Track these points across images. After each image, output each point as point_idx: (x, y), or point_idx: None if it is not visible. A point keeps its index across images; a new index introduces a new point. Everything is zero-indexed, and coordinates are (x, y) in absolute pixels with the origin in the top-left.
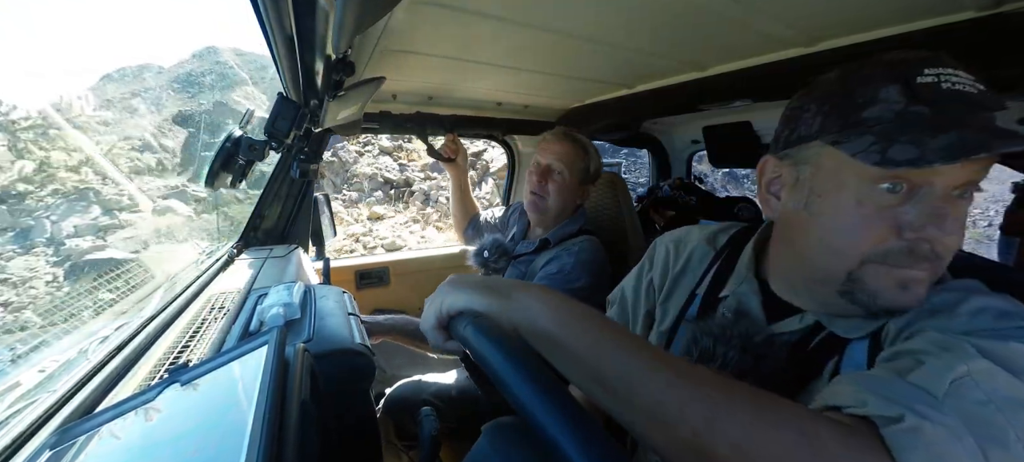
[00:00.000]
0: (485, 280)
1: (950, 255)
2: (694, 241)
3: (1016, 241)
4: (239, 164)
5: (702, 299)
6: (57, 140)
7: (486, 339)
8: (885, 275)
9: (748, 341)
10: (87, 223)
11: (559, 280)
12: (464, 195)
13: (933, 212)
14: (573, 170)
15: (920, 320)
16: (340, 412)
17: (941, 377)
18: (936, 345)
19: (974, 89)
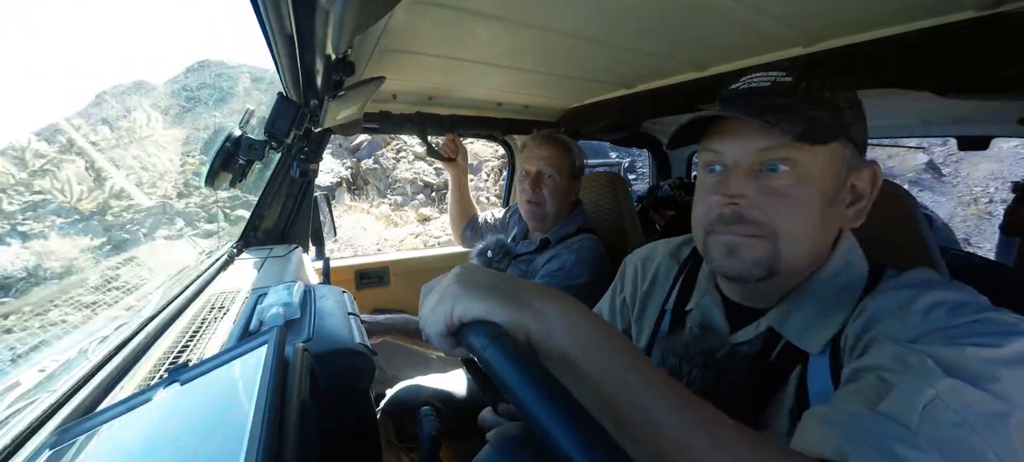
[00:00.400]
0: (499, 280)
1: (772, 226)
2: (659, 257)
3: (1016, 241)
4: (239, 164)
5: (672, 314)
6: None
7: (507, 360)
8: (716, 243)
9: (710, 357)
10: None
11: (559, 277)
12: (463, 196)
13: (723, 182)
14: (562, 171)
15: (874, 326)
16: (340, 412)
17: (912, 405)
18: (898, 361)
19: (768, 83)
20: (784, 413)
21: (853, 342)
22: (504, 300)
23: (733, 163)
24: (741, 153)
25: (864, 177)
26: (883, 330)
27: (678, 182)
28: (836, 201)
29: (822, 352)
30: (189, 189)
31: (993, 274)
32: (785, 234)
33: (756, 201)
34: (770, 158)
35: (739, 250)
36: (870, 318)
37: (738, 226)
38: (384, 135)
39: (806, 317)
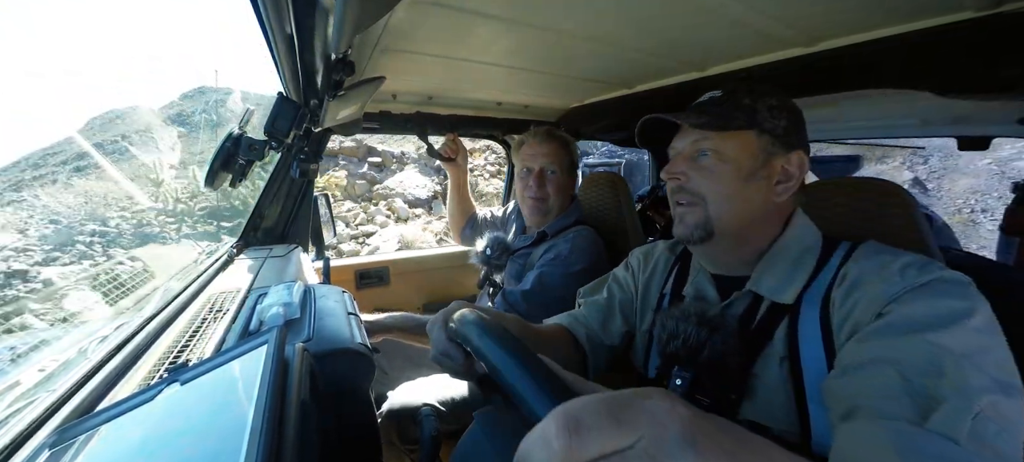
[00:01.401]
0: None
1: (702, 193)
2: (658, 252)
3: (1016, 241)
4: (239, 164)
5: (669, 296)
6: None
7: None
8: (674, 213)
9: (703, 316)
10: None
11: (557, 265)
12: (463, 195)
13: (672, 164)
14: (562, 166)
15: (859, 287)
16: (340, 412)
17: (961, 422)
18: (924, 361)
19: (706, 99)
20: (774, 363)
21: (841, 301)
22: None
23: (676, 153)
24: (680, 145)
25: (792, 161)
26: (869, 289)
27: None
28: (757, 177)
29: (808, 305)
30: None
31: (993, 274)
32: (711, 199)
33: (690, 177)
34: (698, 147)
35: (685, 218)
36: (854, 280)
37: (681, 194)
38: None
39: (776, 276)
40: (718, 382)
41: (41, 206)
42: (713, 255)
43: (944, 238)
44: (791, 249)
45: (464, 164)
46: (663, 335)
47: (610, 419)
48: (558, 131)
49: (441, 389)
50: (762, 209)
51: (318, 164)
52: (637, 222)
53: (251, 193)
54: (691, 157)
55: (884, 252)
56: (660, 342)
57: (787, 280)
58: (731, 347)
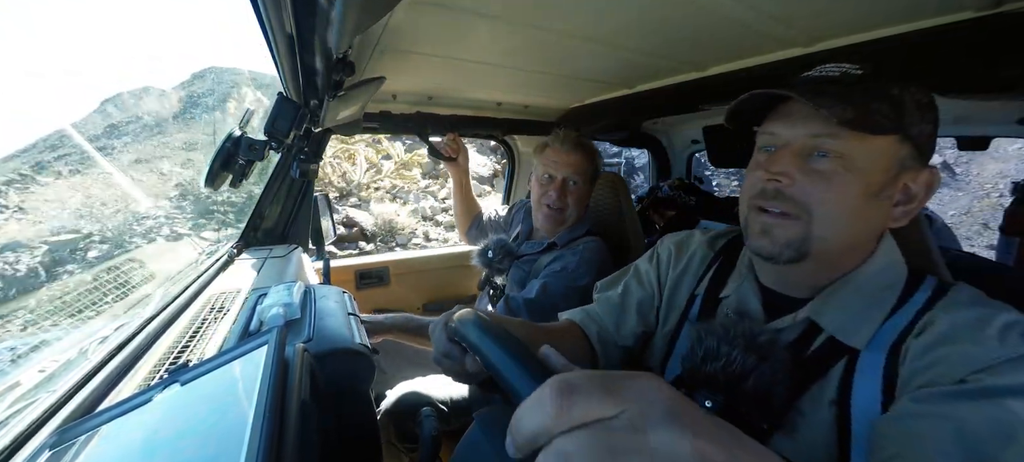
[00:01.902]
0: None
1: (809, 205)
2: (695, 244)
3: (1016, 241)
4: (239, 164)
5: (702, 300)
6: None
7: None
8: (754, 220)
9: (752, 341)
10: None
11: (562, 277)
12: (466, 195)
13: (771, 159)
14: (586, 177)
15: (946, 344)
16: (340, 412)
17: None
18: (991, 424)
19: (838, 73)
20: (824, 403)
21: (918, 354)
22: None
23: (783, 143)
24: (791, 135)
25: (920, 180)
26: (956, 351)
27: (677, 183)
28: (881, 196)
29: (872, 350)
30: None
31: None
32: (819, 216)
33: (798, 181)
34: (818, 144)
35: (773, 230)
36: (941, 336)
37: (776, 202)
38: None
39: (847, 311)
40: (756, 414)
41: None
42: (784, 272)
43: (944, 238)
44: (871, 283)
45: (465, 164)
46: (698, 351)
47: (601, 389)
48: (585, 139)
49: (441, 388)
50: (873, 235)
51: (318, 164)
52: (637, 222)
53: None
54: (802, 154)
55: (981, 305)
56: (692, 357)
57: (859, 319)
58: (779, 380)
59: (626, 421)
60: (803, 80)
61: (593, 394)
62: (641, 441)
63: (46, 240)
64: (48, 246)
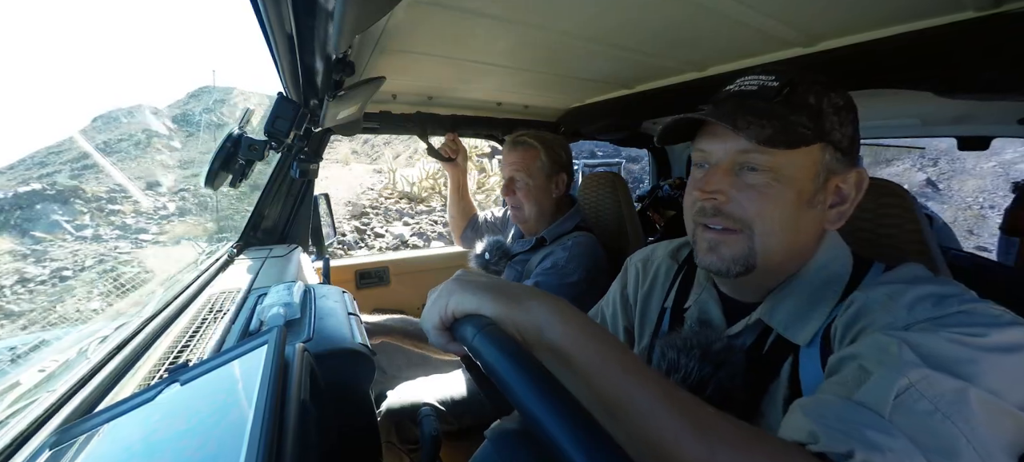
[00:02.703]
0: (495, 282)
1: (748, 220)
2: (660, 258)
3: (1016, 241)
4: (239, 164)
5: (671, 313)
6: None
7: (494, 347)
8: (701, 237)
9: (707, 350)
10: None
11: (553, 275)
12: (462, 196)
13: (705, 177)
14: (532, 172)
15: (862, 318)
16: (340, 412)
17: (885, 393)
18: (875, 350)
19: (755, 86)
20: (779, 402)
21: (842, 333)
22: (495, 296)
23: (715, 162)
24: (721, 153)
25: (849, 180)
26: (870, 322)
27: (678, 182)
28: (814, 201)
29: (812, 343)
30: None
31: (993, 274)
32: (760, 229)
33: (733, 197)
34: (747, 160)
35: (719, 247)
36: (858, 310)
37: (716, 218)
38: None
39: (792, 309)
40: None
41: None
42: (736, 283)
43: (945, 238)
44: (813, 280)
45: (464, 164)
46: (663, 364)
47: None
48: (528, 135)
49: (440, 389)
50: (812, 239)
51: (318, 164)
52: (637, 222)
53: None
54: (732, 171)
55: (904, 280)
56: (659, 372)
57: (803, 315)
58: (737, 385)
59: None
60: (724, 96)
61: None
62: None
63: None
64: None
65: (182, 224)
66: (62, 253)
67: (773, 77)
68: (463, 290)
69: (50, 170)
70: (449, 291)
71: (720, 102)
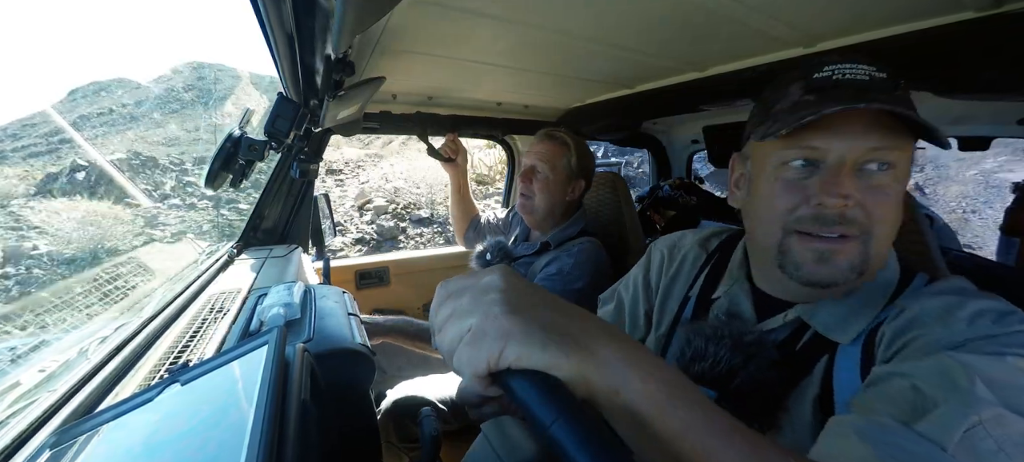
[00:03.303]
0: (558, 317)
1: (869, 225)
2: (687, 245)
3: (1016, 241)
4: (239, 164)
5: (695, 301)
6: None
7: (575, 435)
8: (806, 247)
9: (739, 340)
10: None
11: (558, 281)
12: (464, 197)
13: (828, 180)
14: (556, 167)
15: (914, 328)
16: (340, 412)
17: (953, 429)
18: (938, 375)
19: (867, 76)
20: (808, 401)
21: (890, 340)
22: (569, 346)
23: (836, 160)
24: (847, 150)
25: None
26: (926, 334)
27: (678, 182)
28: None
29: (852, 343)
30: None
31: (993, 274)
32: (878, 234)
33: (859, 200)
34: (879, 156)
35: (834, 257)
36: (912, 320)
37: (839, 226)
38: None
39: (839, 312)
40: (744, 412)
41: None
42: (806, 288)
43: (945, 238)
44: (872, 284)
45: (464, 164)
46: (687, 351)
47: (451, 301)
48: (560, 132)
49: (440, 388)
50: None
51: (318, 164)
52: (637, 223)
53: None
54: (857, 169)
55: (956, 293)
56: (682, 358)
57: (850, 318)
58: (768, 379)
59: (470, 278)
60: (829, 84)
61: (455, 278)
62: (474, 279)
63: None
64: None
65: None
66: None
67: (874, 67)
68: (527, 338)
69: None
70: (502, 332)
71: (826, 91)
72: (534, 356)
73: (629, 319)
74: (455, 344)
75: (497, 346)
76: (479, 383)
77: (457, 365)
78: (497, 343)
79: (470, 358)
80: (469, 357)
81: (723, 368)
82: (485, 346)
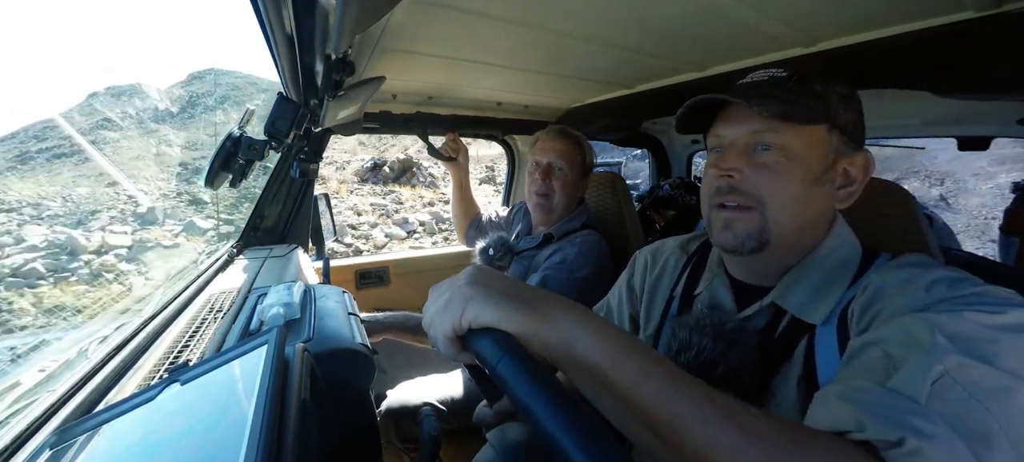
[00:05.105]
0: (515, 288)
1: (761, 196)
2: (669, 250)
3: (1016, 241)
4: (239, 164)
5: (680, 299)
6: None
7: (520, 373)
8: (716, 217)
9: (720, 329)
10: None
11: (562, 269)
12: (465, 195)
13: (721, 157)
14: (573, 165)
15: (879, 300)
16: (340, 412)
17: (922, 380)
18: (903, 334)
19: (766, 77)
20: (792, 382)
21: (859, 315)
22: (520, 307)
23: (729, 142)
24: (735, 134)
25: (856, 163)
26: (889, 303)
27: (678, 182)
28: (822, 180)
29: (827, 323)
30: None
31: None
32: (771, 204)
33: (747, 175)
34: (760, 139)
35: (734, 224)
36: (875, 292)
37: (732, 195)
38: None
39: (806, 291)
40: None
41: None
42: (749, 263)
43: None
44: (826, 262)
45: (465, 163)
46: (673, 344)
47: (436, 293)
48: (572, 130)
49: (440, 388)
50: (822, 218)
51: (318, 164)
52: (637, 222)
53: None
54: (746, 151)
55: (917, 264)
56: (669, 351)
57: (817, 296)
58: (748, 363)
59: (454, 277)
60: (738, 87)
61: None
62: (456, 277)
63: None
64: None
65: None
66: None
67: (782, 70)
68: (483, 299)
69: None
70: (464, 297)
71: (734, 92)
72: (487, 313)
73: (617, 321)
74: (432, 317)
75: (459, 308)
76: (450, 347)
77: (432, 333)
78: (459, 306)
79: (440, 322)
80: (439, 321)
81: (707, 356)
82: (451, 311)
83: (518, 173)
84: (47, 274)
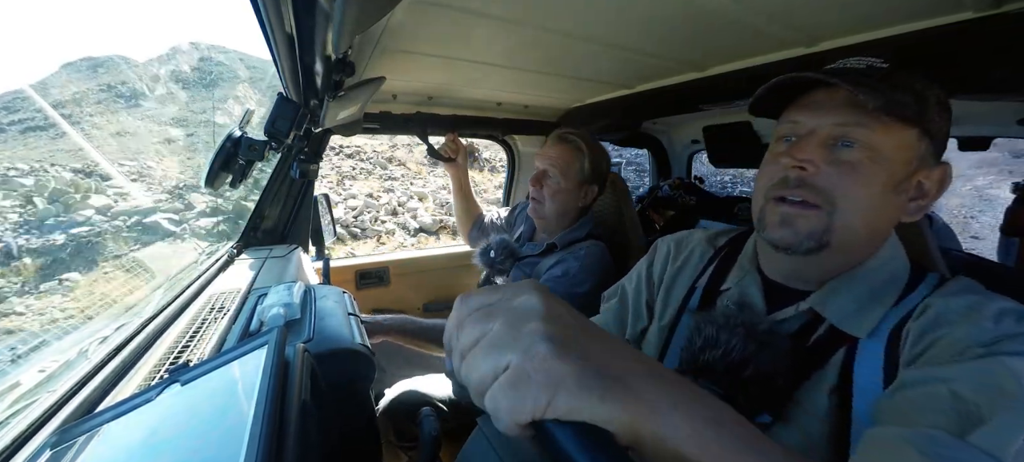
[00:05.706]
0: (605, 355)
1: (833, 196)
2: (695, 241)
3: (1016, 241)
4: (239, 164)
5: (703, 292)
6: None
7: None
8: (772, 211)
9: (752, 329)
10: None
11: (563, 283)
12: (466, 196)
13: (795, 146)
14: (568, 173)
15: (941, 326)
16: (340, 412)
17: (1008, 442)
18: (980, 380)
19: (863, 65)
20: (822, 392)
21: (916, 338)
22: (619, 394)
23: (807, 132)
24: (817, 123)
25: (933, 176)
26: (953, 332)
27: (677, 182)
28: (899, 190)
29: (873, 338)
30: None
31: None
32: (843, 207)
33: (823, 170)
34: (844, 133)
35: (795, 221)
36: (937, 317)
37: (799, 190)
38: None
39: (850, 301)
40: (755, 403)
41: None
42: (796, 263)
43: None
44: (877, 275)
45: (465, 164)
46: (697, 340)
47: (480, 313)
48: (574, 135)
49: (441, 388)
50: (887, 229)
51: (318, 164)
52: (637, 222)
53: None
54: (826, 143)
55: (978, 292)
56: (690, 346)
57: (862, 309)
58: (782, 368)
59: (500, 296)
60: (829, 71)
61: (480, 293)
62: (505, 299)
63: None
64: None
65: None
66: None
67: (882, 59)
68: (582, 391)
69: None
70: (553, 380)
71: (829, 72)
72: (590, 409)
73: (632, 310)
74: (488, 382)
75: (545, 395)
76: (518, 431)
77: (492, 408)
78: (545, 392)
79: (511, 405)
80: (509, 403)
81: (736, 357)
82: (530, 394)
83: (518, 174)
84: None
